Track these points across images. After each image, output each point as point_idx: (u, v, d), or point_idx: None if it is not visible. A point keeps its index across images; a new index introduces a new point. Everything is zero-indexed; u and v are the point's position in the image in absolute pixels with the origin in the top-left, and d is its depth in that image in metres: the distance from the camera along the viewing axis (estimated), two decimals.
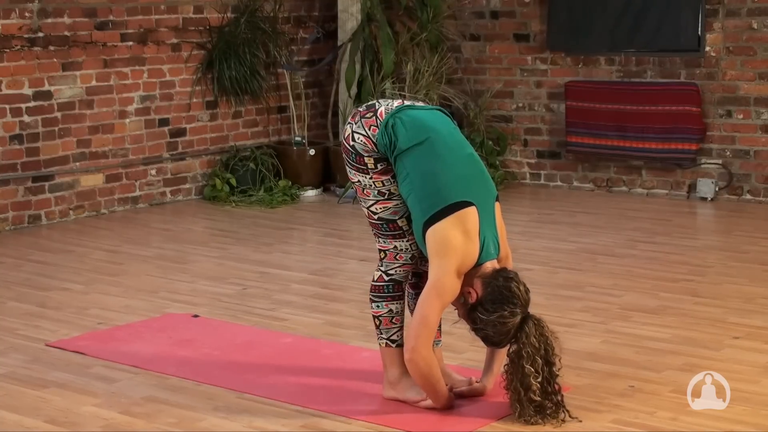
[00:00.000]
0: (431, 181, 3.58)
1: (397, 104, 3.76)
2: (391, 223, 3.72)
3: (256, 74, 7.95)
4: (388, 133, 3.65)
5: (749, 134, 7.43)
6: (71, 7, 7.10)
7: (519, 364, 3.51)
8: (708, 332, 4.58)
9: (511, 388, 3.56)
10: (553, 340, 3.56)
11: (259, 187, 7.87)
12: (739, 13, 7.35)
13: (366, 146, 3.68)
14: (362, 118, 3.72)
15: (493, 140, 8.21)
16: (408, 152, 3.62)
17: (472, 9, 8.41)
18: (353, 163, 3.72)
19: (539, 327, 3.54)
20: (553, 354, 3.55)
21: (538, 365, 3.51)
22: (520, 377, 3.52)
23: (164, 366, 4.25)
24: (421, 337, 3.56)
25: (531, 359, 3.50)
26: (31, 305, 5.20)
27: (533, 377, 3.50)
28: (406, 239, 3.73)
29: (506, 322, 3.51)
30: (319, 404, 3.81)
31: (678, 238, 6.44)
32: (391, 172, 3.70)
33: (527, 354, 3.50)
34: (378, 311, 3.77)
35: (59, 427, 3.67)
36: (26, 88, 6.91)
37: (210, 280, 5.65)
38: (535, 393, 3.51)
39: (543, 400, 3.54)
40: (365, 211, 3.77)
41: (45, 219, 7.08)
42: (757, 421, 3.61)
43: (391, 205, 3.71)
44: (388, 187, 3.71)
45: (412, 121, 3.68)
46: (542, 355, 3.52)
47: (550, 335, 3.56)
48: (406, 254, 3.74)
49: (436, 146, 3.64)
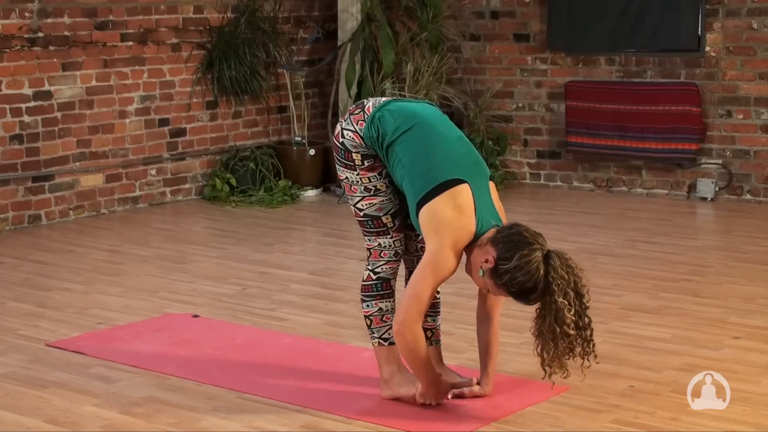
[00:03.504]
0: (422, 163, 3.60)
1: (385, 99, 3.81)
2: (376, 220, 3.75)
3: (256, 74, 7.96)
4: (375, 126, 3.68)
5: (749, 134, 7.43)
6: (71, 7, 7.10)
7: (551, 300, 3.43)
8: (708, 332, 4.58)
9: (544, 329, 3.48)
10: (579, 271, 3.50)
11: (259, 187, 7.87)
12: (739, 13, 7.35)
13: (354, 141, 3.71)
14: (351, 115, 3.77)
15: (493, 140, 8.21)
16: (398, 140, 3.65)
17: (472, 9, 8.42)
18: (342, 160, 3.76)
19: (564, 259, 3.47)
20: (582, 285, 3.48)
21: (570, 297, 3.44)
22: (554, 313, 3.44)
23: (164, 366, 4.25)
24: (411, 311, 3.54)
25: (563, 292, 3.43)
26: (31, 305, 5.20)
27: (567, 310, 3.43)
28: (389, 236, 3.75)
29: (530, 259, 3.44)
30: (319, 404, 3.81)
31: (678, 238, 6.44)
32: (378, 169, 3.72)
33: (558, 287, 3.42)
34: (368, 310, 3.79)
35: (59, 427, 3.67)
36: (26, 88, 6.91)
37: (210, 280, 5.65)
38: (570, 326, 3.45)
39: (577, 334, 3.48)
40: (352, 209, 3.81)
41: (45, 219, 7.08)
42: (757, 421, 3.61)
43: (377, 202, 3.74)
44: (374, 183, 3.73)
45: (399, 110, 3.72)
46: (572, 287, 3.45)
47: (576, 266, 3.49)
48: (390, 251, 3.76)
49: (425, 130, 3.66)
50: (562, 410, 3.73)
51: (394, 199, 3.76)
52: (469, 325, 4.62)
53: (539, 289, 3.46)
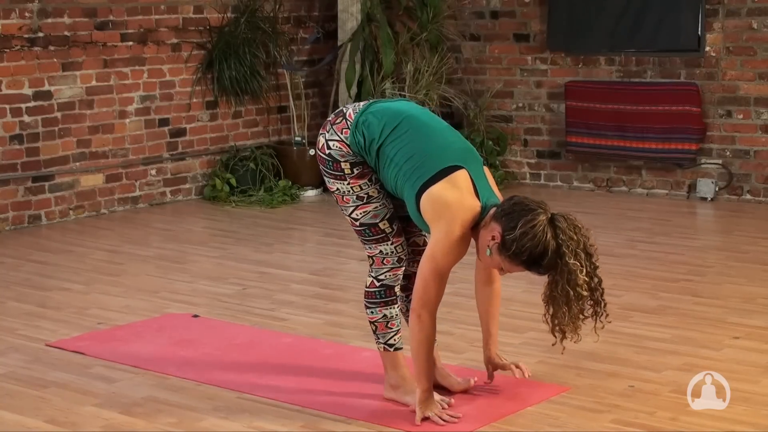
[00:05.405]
0: (416, 156, 3.55)
1: (364, 103, 3.76)
2: (373, 227, 3.71)
3: (256, 74, 7.96)
4: (360, 131, 3.63)
5: (749, 134, 7.43)
6: (71, 7, 7.10)
7: (562, 263, 3.39)
8: (708, 332, 4.58)
9: (557, 293, 3.44)
10: (586, 231, 3.46)
11: (259, 187, 7.87)
12: (739, 13, 7.36)
13: (341, 150, 3.66)
14: (333, 125, 3.70)
15: (493, 140, 8.21)
16: (387, 139, 3.60)
17: (472, 9, 8.42)
18: (331, 171, 3.70)
19: (570, 220, 3.43)
20: (590, 245, 3.45)
21: (581, 258, 3.40)
22: (566, 276, 3.40)
23: (164, 366, 4.25)
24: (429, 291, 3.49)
25: (573, 253, 3.39)
26: (31, 305, 5.20)
27: (579, 271, 3.40)
28: (390, 242, 3.71)
29: (535, 224, 3.38)
30: (319, 404, 3.81)
31: (678, 238, 6.44)
32: (368, 176, 3.68)
33: (568, 248, 3.38)
34: (373, 317, 3.77)
35: (59, 427, 3.67)
36: (26, 88, 6.91)
37: (210, 280, 5.65)
38: (583, 288, 3.41)
39: (589, 295, 3.45)
40: (348, 220, 3.77)
41: (45, 219, 7.08)
42: (757, 421, 3.61)
43: (371, 209, 3.70)
44: (366, 191, 3.69)
45: (382, 111, 3.67)
46: (582, 247, 3.42)
47: (582, 226, 3.45)
48: (392, 257, 3.73)
49: (412, 124, 3.62)
50: (562, 410, 3.73)
51: (388, 203, 3.72)
52: (469, 325, 4.63)
53: (549, 252, 3.39)
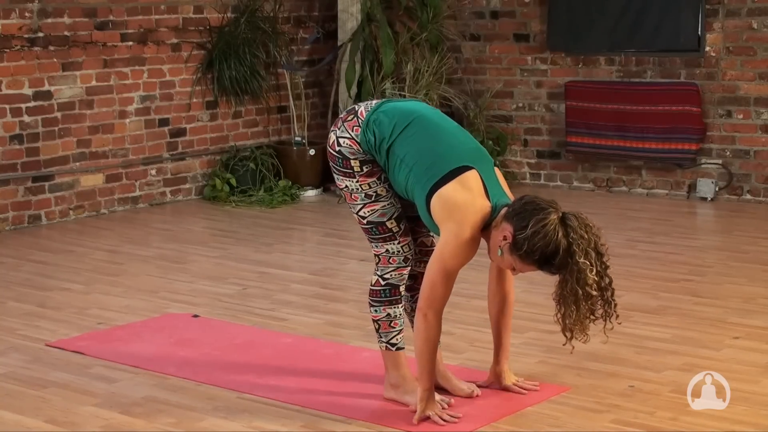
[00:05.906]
0: (426, 157, 3.56)
1: (376, 102, 3.76)
2: (381, 226, 3.70)
3: (256, 74, 7.96)
4: (371, 130, 3.64)
5: (749, 134, 7.43)
6: (71, 7, 7.10)
7: (573, 262, 3.38)
8: (708, 332, 4.58)
9: (566, 292, 3.43)
10: (597, 230, 3.45)
11: (259, 187, 7.87)
12: (739, 13, 7.35)
13: (351, 148, 3.67)
14: (344, 123, 3.72)
15: (493, 140, 8.21)
16: (397, 139, 3.60)
17: (472, 9, 8.42)
18: (340, 169, 3.71)
19: (581, 219, 3.44)
20: (601, 244, 3.44)
21: (591, 257, 3.40)
22: (576, 275, 3.39)
23: (164, 366, 4.25)
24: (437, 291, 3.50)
25: (584, 252, 3.38)
26: (31, 305, 5.20)
27: (589, 270, 3.38)
28: (397, 242, 3.71)
29: (546, 222, 3.38)
30: (319, 404, 3.81)
31: (678, 238, 6.44)
32: (377, 174, 3.68)
33: (579, 247, 3.38)
34: (376, 315, 3.77)
35: (59, 427, 3.67)
36: (26, 88, 6.91)
37: (210, 280, 5.65)
38: (592, 287, 3.40)
39: (599, 294, 3.44)
40: (356, 217, 3.76)
41: (45, 219, 7.08)
42: (757, 421, 3.61)
43: (379, 207, 3.70)
44: (374, 189, 3.69)
45: (393, 110, 3.68)
46: (593, 246, 3.41)
47: (593, 225, 3.45)
48: (399, 257, 3.72)
49: (423, 124, 3.63)
50: (562, 410, 3.73)
51: (395, 203, 3.72)
52: (469, 325, 4.63)
53: (561, 250, 3.39)
